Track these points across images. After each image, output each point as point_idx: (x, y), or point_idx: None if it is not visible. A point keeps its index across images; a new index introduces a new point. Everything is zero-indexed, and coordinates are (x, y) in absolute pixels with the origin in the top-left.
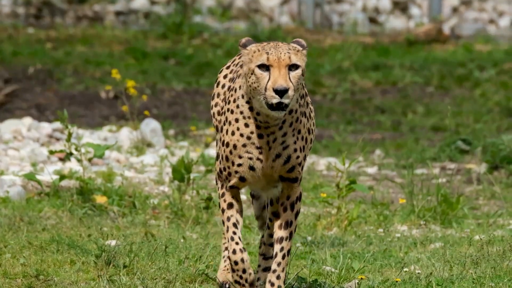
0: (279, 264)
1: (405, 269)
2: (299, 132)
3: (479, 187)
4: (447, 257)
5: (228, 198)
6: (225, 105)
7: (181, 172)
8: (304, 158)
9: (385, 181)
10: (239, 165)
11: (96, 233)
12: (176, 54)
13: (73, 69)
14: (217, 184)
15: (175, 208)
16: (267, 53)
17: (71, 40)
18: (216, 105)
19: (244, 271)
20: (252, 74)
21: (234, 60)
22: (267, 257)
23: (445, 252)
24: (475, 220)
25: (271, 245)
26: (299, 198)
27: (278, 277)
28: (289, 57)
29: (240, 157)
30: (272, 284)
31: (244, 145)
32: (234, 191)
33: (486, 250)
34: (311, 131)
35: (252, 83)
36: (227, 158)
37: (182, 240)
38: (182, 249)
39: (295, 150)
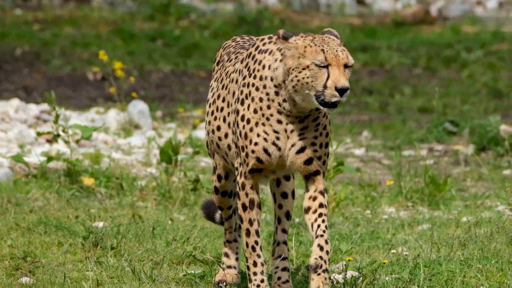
0: (326, 242)
1: (392, 251)
2: (324, 127)
3: (466, 169)
4: (435, 238)
5: (250, 190)
6: (248, 76)
7: (169, 153)
8: (326, 154)
9: (373, 162)
10: (256, 144)
11: (83, 214)
12: (164, 36)
13: (61, 51)
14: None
15: (163, 190)
16: (323, 50)
17: (58, 22)
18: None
19: (262, 280)
20: (304, 69)
21: (221, 54)
22: (284, 257)
23: (432, 234)
24: (462, 202)
25: (285, 243)
26: (325, 190)
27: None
28: (347, 56)
29: (258, 135)
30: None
31: (263, 124)
32: (255, 178)
33: (474, 232)
34: (329, 131)
35: (303, 78)
36: (246, 136)
37: (169, 222)
38: (170, 230)
39: (313, 144)
